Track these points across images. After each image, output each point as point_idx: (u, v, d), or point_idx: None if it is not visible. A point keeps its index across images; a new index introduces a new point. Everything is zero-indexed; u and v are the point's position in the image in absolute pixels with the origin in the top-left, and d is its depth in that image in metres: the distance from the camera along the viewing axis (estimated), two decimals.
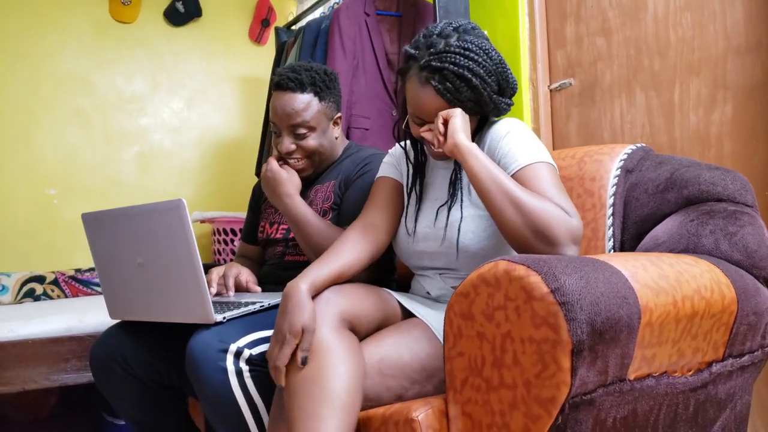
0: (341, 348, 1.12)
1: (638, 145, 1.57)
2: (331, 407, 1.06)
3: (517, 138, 1.31)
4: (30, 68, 3.40)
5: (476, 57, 1.26)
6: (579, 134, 2.46)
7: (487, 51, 1.28)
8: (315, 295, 1.19)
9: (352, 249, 1.30)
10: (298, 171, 1.71)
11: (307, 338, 1.11)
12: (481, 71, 1.26)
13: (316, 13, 3.33)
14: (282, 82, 1.68)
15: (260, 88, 3.69)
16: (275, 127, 1.71)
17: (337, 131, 1.77)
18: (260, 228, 1.86)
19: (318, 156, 1.73)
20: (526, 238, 1.17)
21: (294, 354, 1.12)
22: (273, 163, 1.68)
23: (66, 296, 3.02)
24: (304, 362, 1.09)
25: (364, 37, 2.76)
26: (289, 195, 1.63)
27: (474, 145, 1.25)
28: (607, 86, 2.35)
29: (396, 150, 1.59)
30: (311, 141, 1.70)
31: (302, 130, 1.67)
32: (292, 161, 1.70)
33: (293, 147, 1.69)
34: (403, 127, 1.42)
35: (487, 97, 1.29)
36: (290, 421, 1.08)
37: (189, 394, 1.65)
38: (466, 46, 1.26)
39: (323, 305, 1.17)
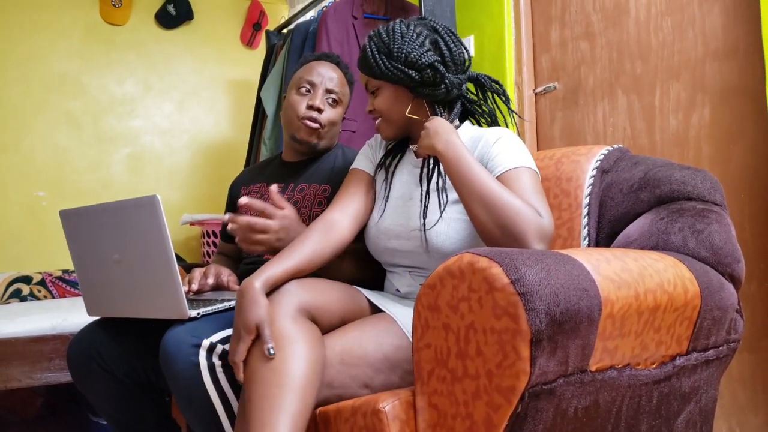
0: (299, 336, 1.14)
1: (615, 146, 1.58)
2: (286, 390, 1.08)
3: (505, 144, 1.35)
4: (20, 70, 3.42)
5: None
6: (563, 137, 2.48)
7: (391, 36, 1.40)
8: (272, 291, 1.21)
9: (310, 245, 1.32)
10: (310, 134, 1.75)
11: (265, 331, 1.13)
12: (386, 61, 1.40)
13: (307, 17, 3.35)
14: (331, 55, 1.81)
15: (251, 92, 3.71)
16: (309, 86, 1.75)
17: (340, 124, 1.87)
18: None
19: (329, 132, 1.78)
20: (493, 232, 1.19)
21: (251, 348, 1.15)
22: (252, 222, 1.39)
23: (53, 297, 3.02)
24: (270, 353, 1.11)
25: (351, 40, 2.78)
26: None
27: (458, 140, 1.29)
28: (590, 90, 2.37)
29: (374, 140, 1.61)
30: (334, 113, 1.78)
31: (334, 97, 1.76)
32: (314, 116, 1.73)
33: (323, 107, 1.74)
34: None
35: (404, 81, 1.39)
36: (248, 406, 1.10)
37: (168, 394, 1.65)
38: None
39: (282, 296, 1.19)
